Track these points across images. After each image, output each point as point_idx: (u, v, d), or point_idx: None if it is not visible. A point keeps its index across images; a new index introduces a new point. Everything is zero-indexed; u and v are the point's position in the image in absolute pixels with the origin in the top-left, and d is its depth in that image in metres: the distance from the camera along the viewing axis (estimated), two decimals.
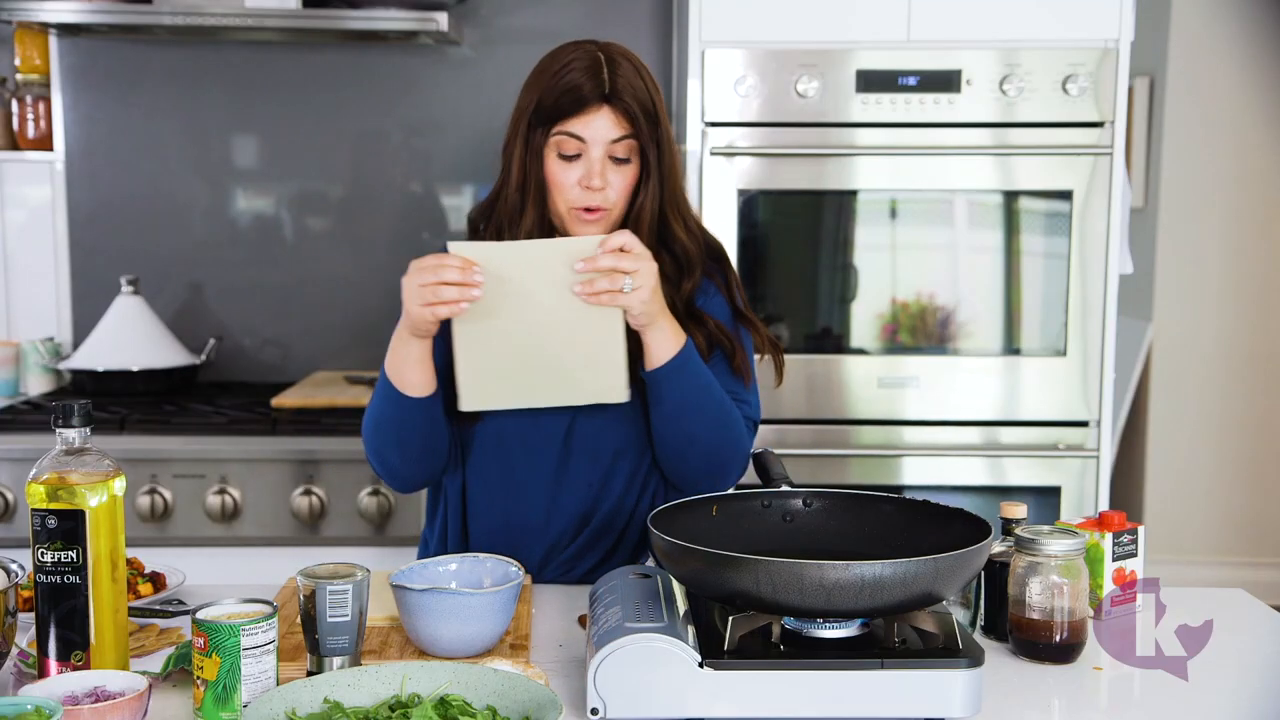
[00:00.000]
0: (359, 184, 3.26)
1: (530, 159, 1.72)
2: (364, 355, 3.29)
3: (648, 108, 1.70)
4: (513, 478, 1.80)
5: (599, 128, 1.68)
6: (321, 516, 2.65)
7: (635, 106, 1.68)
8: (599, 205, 1.71)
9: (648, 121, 1.69)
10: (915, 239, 2.73)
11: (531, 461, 1.79)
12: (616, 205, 1.73)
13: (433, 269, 1.55)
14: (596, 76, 1.67)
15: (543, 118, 1.70)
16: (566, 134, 1.69)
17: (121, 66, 3.19)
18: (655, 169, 1.72)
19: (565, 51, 1.73)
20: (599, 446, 1.79)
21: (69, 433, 1.31)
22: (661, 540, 1.33)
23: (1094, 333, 2.71)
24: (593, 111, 1.68)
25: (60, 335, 3.25)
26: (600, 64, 1.68)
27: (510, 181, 1.74)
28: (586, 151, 1.69)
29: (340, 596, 1.33)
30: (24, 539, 1.38)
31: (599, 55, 1.70)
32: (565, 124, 1.69)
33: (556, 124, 1.69)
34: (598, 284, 1.56)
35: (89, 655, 1.31)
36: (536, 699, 1.20)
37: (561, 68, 1.69)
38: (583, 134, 1.68)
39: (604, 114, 1.68)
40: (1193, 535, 4.45)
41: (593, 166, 1.69)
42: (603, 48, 1.72)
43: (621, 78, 1.68)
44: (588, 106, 1.67)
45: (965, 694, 1.25)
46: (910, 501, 1.50)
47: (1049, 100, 2.66)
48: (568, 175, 1.70)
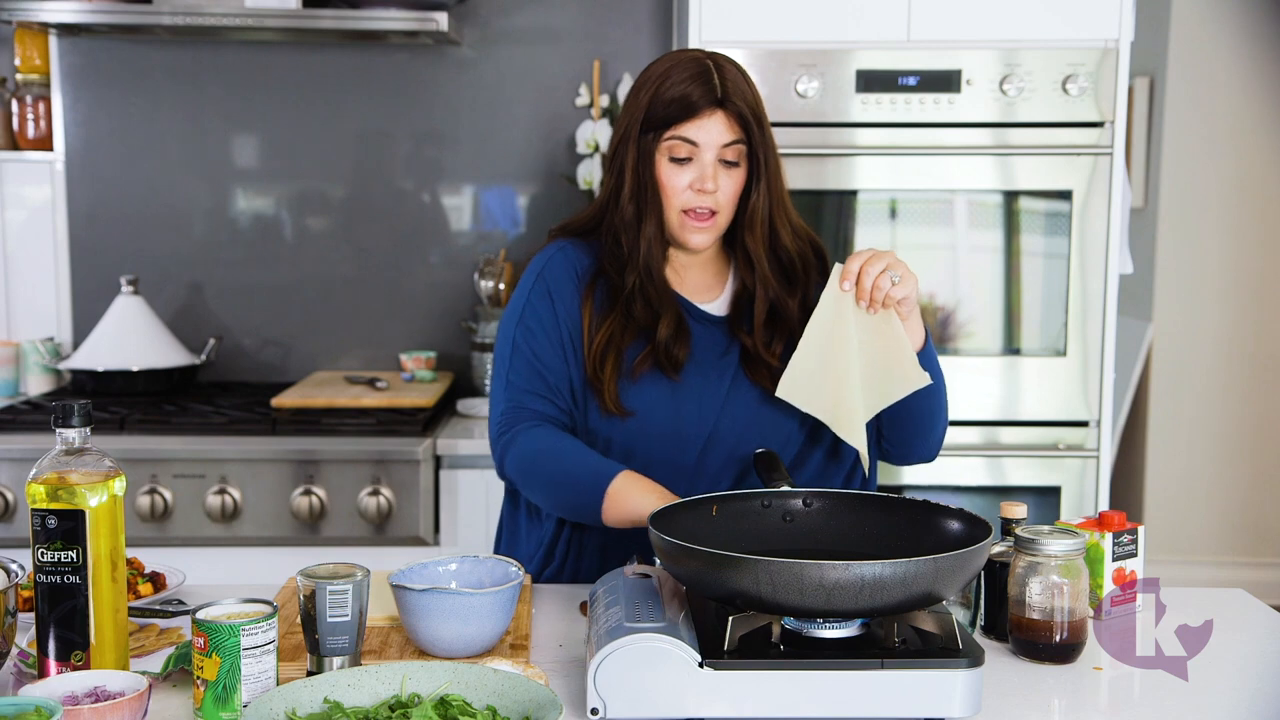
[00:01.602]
0: (359, 184, 3.26)
1: (643, 165, 1.74)
2: (364, 355, 3.30)
3: (756, 112, 1.73)
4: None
5: (712, 131, 1.71)
6: (321, 516, 2.65)
7: (746, 110, 1.71)
8: (709, 208, 1.73)
9: (757, 126, 1.73)
10: (915, 239, 2.73)
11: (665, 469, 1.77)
12: (725, 209, 1.75)
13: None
14: (708, 82, 1.70)
15: (654, 124, 1.72)
16: (679, 138, 1.71)
17: (121, 66, 3.19)
18: (764, 173, 1.75)
19: (671, 59, 1.75)
20: (730, 458, 1.79)
21: (69, 433, 1.31)
22: (661, 540, 1.33)
23: (1094, 333, 2.71)
24: (705, 116, 1.70)
25: (60, 335, 3.25)
26: (710, 70, 1.71)
27: (624, 190, 1.76)
28: (698, 155, 1.72)
29: (340, 596, 1.33)
30: (24, 539, 1.38)
31: (708, 62, 1.73)
32: (678, 129, 1.71)
33: (669, 129, 1.71)
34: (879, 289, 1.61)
35: (89, 655, 1.31)
36: (536, 699, 1.20)
37: (671, 75, 1.72)
38: (696, 138, 1.71)
39: (716, 118, 1.71)
40: (1193, 535, 4.45)
41: (705, 170, 1.71)
42: (709, 55, 1.75)
43: (731, 83, 1.71)
44: (700, 111, 1.70)
45: (965, 694, 1.25)
46: (910, 501, 1.50)
47: (1049, 100, 2.66)
48: (679, 179, 1.72)
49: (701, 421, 1.77)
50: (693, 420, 1.77)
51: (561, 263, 1.81)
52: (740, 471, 1.79)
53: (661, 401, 1.77)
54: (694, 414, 1.77)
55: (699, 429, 1.77)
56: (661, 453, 1.77)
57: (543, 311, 1.79)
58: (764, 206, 1.76)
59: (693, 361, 1.78)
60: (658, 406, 1.77)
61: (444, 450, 2.72)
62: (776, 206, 1.78)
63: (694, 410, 1.77)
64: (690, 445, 1.77)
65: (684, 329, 1.78)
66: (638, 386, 1.77)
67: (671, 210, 1.74)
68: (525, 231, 3.27)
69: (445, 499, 2.74)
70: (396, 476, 2.65)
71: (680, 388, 1.77)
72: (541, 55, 3.21)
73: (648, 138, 1.73)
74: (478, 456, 2.72)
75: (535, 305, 1.80)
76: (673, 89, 1.70)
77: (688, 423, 1.77)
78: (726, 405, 1.78)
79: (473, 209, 3.27)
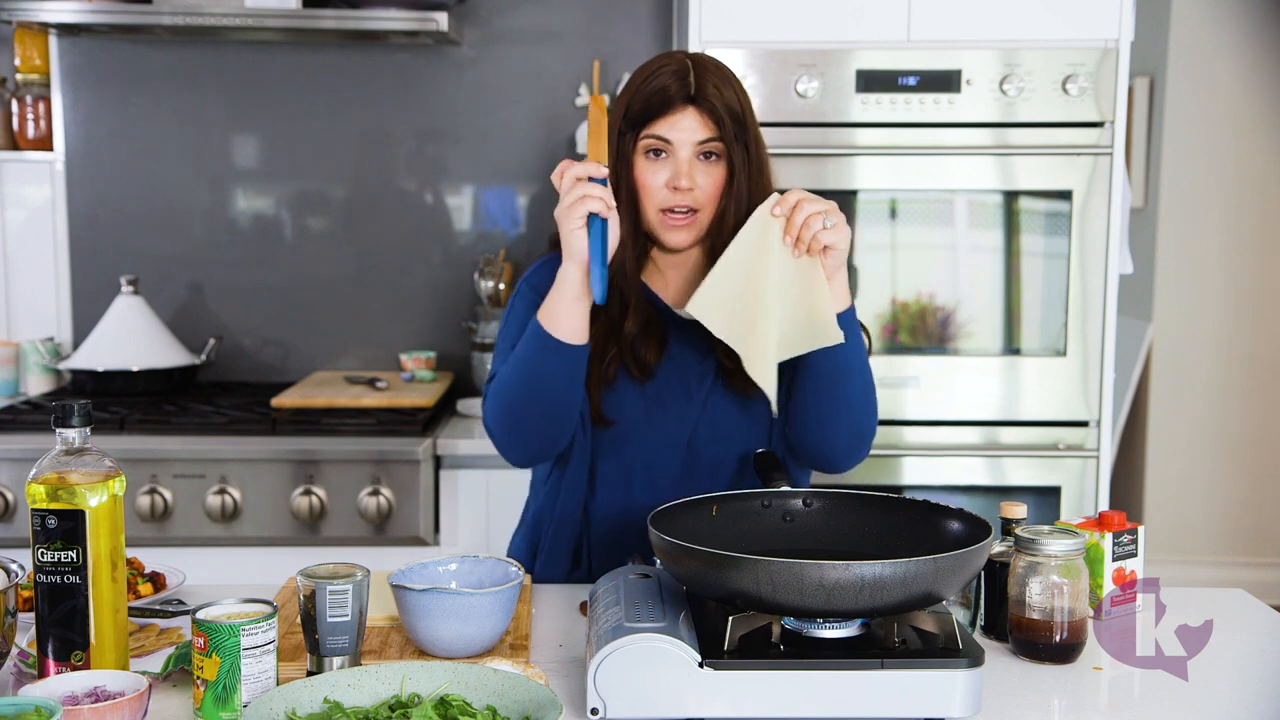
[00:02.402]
0: (359, 184, 3.26)
1: (621, 166, 1.73)
2: (364, 355, 3.30)
3: (734, 110, 1.71)
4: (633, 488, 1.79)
5: (685, 128, 1.69)
6: (321, 516, 2.65)
7: (721, 107, 1.69)
8: (688, 205, 1.71)
9: (734, 123, 1.70)
10: (915, 239, 2.73)
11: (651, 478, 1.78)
12: (705, 208, 1.72)
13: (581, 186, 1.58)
14: (683, 79, 1.69)
15: (631, 123, 1.72)
16: (653, 136, 1.70)
17: (121, 66, 3.19)
18: (743, 172, 1.72)
19: (654, 61, 1.75)
20: (721, 457, 1.79)
21: (69, 433, 1.31)
22: (661, 540, 1.33)
23: (1094, 333, 2.71)
24: (679, 112, 1.69)
25: (60, 335, 3.25)
26: (687, 69, 1.70)
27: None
28: (673, 153, 1.70)
29: (340, 596, 1.33)
30: (24, 539, 1.38)
31: (686, 61, 1.72)
32: (652, 126, 1.70)
33: (644, 127, 1.70)
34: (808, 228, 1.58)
35: (89, 655, 1.31)
36: (536, 699, 1.20)
37: (650, 75, 1.72)
38: (669, 135, 1.69)
39: (690, 114, 1.69)
40: (1193, 535, 4.45)
41: (680, 167, 1.70)
42: (691, 56, 1.74)
43: (706, 80, 1.70)
44: (674, 107, 1.69)
45: (965, 694, 1.25)
46: (910, 501, 1.50)
47: (1049, 100, 2.65)
48: (655, 177, 1.71)
49: (680, 427, 1.77)
50: (672, 425, 1.77)
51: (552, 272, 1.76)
52: (730, 478, 1.79)
53: (638, 407, 1.77)
54: (674, 419, 1.77)
55: (679, 434, 1.77)
56: (645, 459, 1.78)
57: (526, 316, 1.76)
58: (738, 208, 1.72)
59: (672, 366, 1.78)
60: (636, 413, 1.77)
61: (444, 450, 2.72)
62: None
63: (673, 416, 1.77)
64: (672, 451, 1.78)
65: (653, 328, 1.77)
66: (615, 394, 1.76)
67: (650, 209, 1.72)
68: (525, 231, 3.27)
69: (445, 499, 2.74)
70: (396, 476, 2.65)
71: (657, 393, 1.77)
72: (541, 55, 3.21)
73: (625, 138, 1.72)
74: (478, 456, 2.72)
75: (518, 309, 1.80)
76: (648, 86, 1.70)
77: (668, 428, 1.77)
78: (705, 411, 1.78)
79: (473, 209, 3.27)
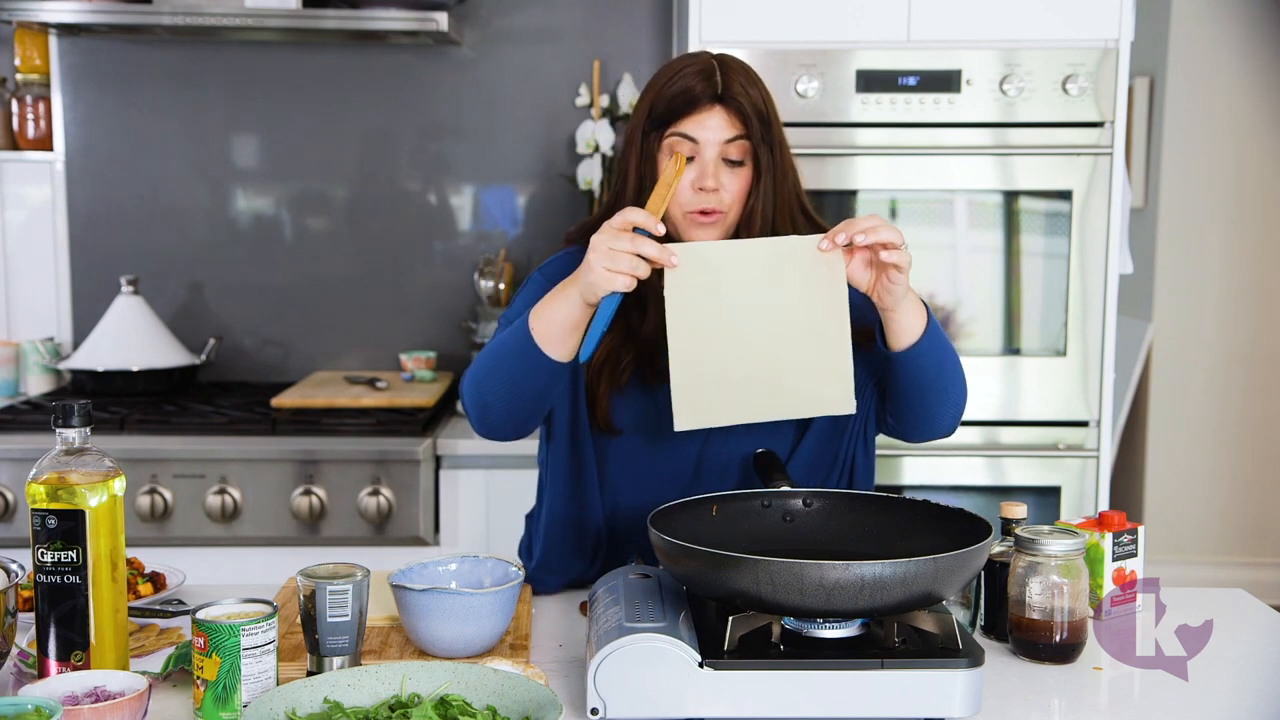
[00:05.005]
0: (359, 184, 3.26)
1: (645, 164, 1.71)
2: (364, 355, 3.30)
3: (760, 109, 1.69)
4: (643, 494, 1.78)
5: (711, 127, 1.67)
6: (321, 516, 2.65)
7: (747, 106, 1.68)
8: (713, 207, 1.68)
9: (760, 123, 1.69)
10: (915, 239, 2.72)
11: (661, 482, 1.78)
12: (731, 209, 1.70)
13: (630, 239, 1.48)
14: (709, 78, 1.68)
15: (656, 122, 1.69)
16: (679, 135, 1.68)
17: (121, 66, 3.19)
18: (768, 172, 1.71)
19: (679, 60, 1.73)
20: (729, 461, 1.78)
21: (69, 433, 1.31)
22: (661, 540, 1.33)
23: (1094, 333, 2.71)
24: (705, 111, 1.67)
25: (60, 335, 3.25)
26: (713, 68, 1.69)
27: (627, 191, 1.73)
28: (699, 153, 1.68)
29: (340, 596, 1.33)
30: (24, 539, 1.38)
31: (712, 61, 1.71)
32: (678, 125, 1.68)
33: (670, 126, 1.69)
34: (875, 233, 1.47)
35: (89, 655, 1.31)
36: (536, 699, 1.20)
37: (675, 74, 1.70)
38: (695, 134, 1.67)
39: (716, 114, 1.67)
40: (1193, 535, 4.45)
41: (706, 167, 1.67)
42: (716, 56, 1.72)
43: (733, 79, 1.68)
44: (700, 107, 1.67)
45: (965, 694, 1.25)
46: (910, 501, 1.50)
47: (1049, 100, 2.65)
48: (681, 177, 1.68)
49: (693, 434, 1.74)
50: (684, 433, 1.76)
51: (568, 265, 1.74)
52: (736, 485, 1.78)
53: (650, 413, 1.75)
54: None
55: (690, 441, 1.75)
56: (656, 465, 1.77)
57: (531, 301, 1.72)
58: (764, 208, 1.71)
59: None
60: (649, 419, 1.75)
61: (444, 450, 2.72)
62: (781, 210, 1.72)
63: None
64: (683, 458, 1.77)
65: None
66: (625, 399, 1.75)
67: (675, 210, 1.70)
68: (525, 231, 3.27)
69: (445, 499, 2.74)
70: (396, 476, 2.65)
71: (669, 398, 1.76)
72: (541, 55, 3.21)
73: (650, 137, 1.71)
74: (478, 456, 2.72)
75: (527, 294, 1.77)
76: (674, 86, 1.68)
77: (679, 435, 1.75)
78: None
79: (473, 209, 3.27)
